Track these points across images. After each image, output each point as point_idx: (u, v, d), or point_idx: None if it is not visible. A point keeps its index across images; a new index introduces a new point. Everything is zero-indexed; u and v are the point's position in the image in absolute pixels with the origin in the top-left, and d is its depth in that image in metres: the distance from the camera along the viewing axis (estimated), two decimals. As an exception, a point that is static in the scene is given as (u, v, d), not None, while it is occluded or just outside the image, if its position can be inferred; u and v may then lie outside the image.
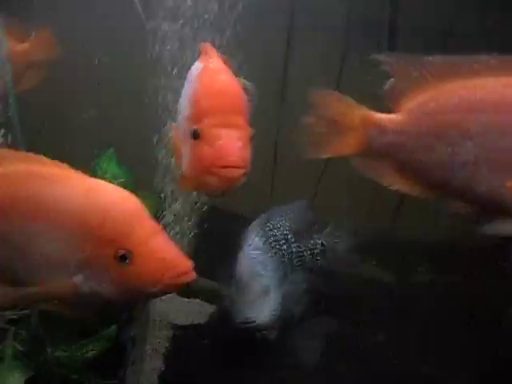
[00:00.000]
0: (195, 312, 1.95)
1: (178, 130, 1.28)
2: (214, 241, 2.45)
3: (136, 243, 0.99)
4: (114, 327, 1.57)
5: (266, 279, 1.56)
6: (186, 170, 1.17)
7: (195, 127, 1.08)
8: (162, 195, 2.07)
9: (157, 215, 1.97)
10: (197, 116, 1.10)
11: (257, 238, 1.65)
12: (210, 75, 1.16)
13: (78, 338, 1.57)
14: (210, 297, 2.04)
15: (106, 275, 1.01)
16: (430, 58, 1.24)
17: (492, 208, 1.25)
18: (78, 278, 1.02)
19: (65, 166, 1.09)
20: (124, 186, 1.79)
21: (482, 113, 1.19)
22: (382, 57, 1.29)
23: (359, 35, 2.72)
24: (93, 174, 1.16)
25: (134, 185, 1.87)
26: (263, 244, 1.65)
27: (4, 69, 1.69)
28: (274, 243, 1.70)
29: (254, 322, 1.50)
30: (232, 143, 1.05)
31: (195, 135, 1.08)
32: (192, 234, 2.23)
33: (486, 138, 1.19)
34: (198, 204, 2.34)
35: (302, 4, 2.84)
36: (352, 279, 2.55)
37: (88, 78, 2.44)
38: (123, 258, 0.99)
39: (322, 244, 1.92)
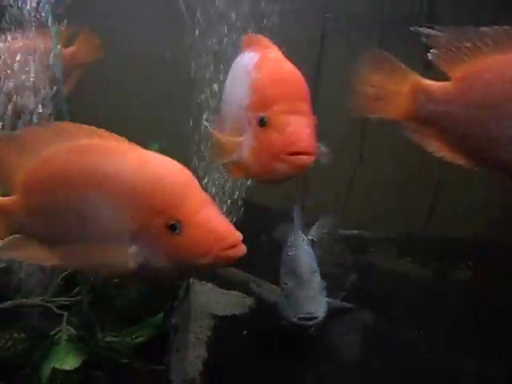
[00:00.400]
0: (234, 303, 1.99)
1: (220, 120, 1.32)
2: (251, 234, 2.50)
3: (186, 214, 1.00)
4: (160, 315, 1.64)
5: (320, 278, 1.59)
6: (246, 158, 1.17)
7: (262, 115, 1.09)
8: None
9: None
10: (262, 104, 1.11)
11: (305, 236, 1.70)
12: (272, 64, 1.18)
13: (127, 325, 1.65)
14: (247, 289, 2.09)
15: (158, 246, 1.02)
16: (485, 29, 1.19)
17: None
18: (132, 249, 1.04)
19: (122, 139, 1.12)
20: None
21: None
22: (428, 30, 1.26)
23: (392, 35, 2.72)
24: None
25: None
26: (310, 242, 1.70)
27: (56, 73, 1.77)
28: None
29: (317, 317, 1.49)
30: (302, 130, 1.06)
31: (262, 123, 1.08)
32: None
33: None
34: (234, 199, 2.39)
35: (335, 4, 2.86)
36: (388, 275, 2.56)
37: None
38: (173, 227, 1.00)
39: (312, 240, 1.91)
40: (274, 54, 1.22)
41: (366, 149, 3.07)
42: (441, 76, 1.32)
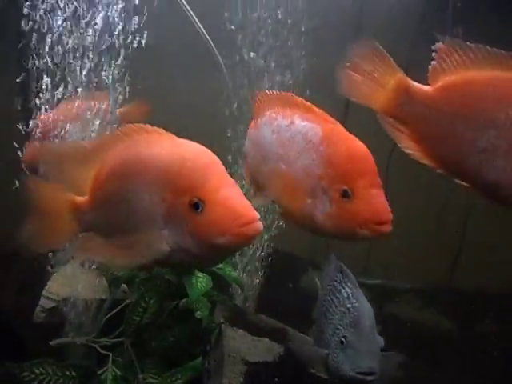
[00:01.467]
0: (265, 350, 2.07)
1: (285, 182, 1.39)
2: (280, 282, 2.60)
3: (208, 192, 1.08)
4: (199, 359, 1.73)
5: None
6: (324, 222, 1.29)
7: (345, 188, 1.24)
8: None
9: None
10: (343, 177, 1.25)
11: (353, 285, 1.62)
12: (345, 140, 1.31)
13: (165, 366, 1.74)
14: (277, 337, 2.16)
15: (184, 226, 1.10)
16: (474, 46, 1.27)
17: (496, 199, 1.30)
18: (164, 232, 1.12)
19: (163, 131, 1.25)
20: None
21: (509, 107, 1.22)
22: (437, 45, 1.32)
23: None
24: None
25: None
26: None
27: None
28: None
29: (376, 373, 1.40)
30: (384, 203, 1.24)
31: (347, 195, 1.24)
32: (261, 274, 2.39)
33: (509, 132, 1.22)
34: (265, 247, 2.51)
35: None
36: (412, 327, 2.60)
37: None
38: (196, 206, 1.07)
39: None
40: (341, 129, 1.35)
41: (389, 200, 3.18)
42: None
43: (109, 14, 1.92)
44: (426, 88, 1.35)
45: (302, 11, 2.28)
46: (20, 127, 2.00)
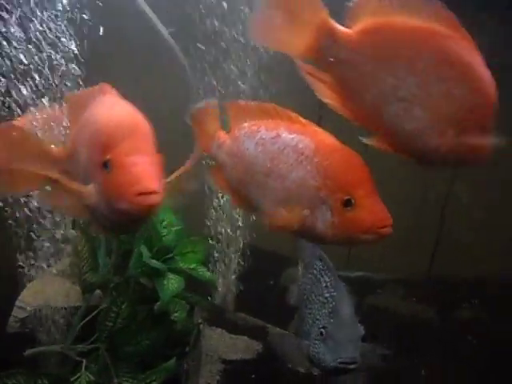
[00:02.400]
0: (242, 348, 2.07)
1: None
2: (259, 280, 2.61)
3: (118, 154, 1.12)
4: (172, 360, 1.73)
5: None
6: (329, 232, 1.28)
7: (347, 197, 1.26)
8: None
9: (208, 258, 2.15)
10: (345, 187, 1.27)
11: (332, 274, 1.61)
12: (340, 151, 1.32)
13: (141, 370, 1.74)
14: (256, 334, 2.17)
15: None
16: None
17: (413, 151, 1.26)
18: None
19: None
20: (178, 234, 2.01)
21: (423, 57, 1.19)
22: None
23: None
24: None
25: (185, 233, 2.05)
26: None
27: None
28: None
29: (357, 362, 1.39)
30: (384, 208, 1.25)
31: (348, 204, 1.25)
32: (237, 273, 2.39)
33: (427, 80, 1.19)
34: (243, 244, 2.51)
35: None
36: (393, 317, 2.61)
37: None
38: (105, 164, 1.14)
39: None
40: (329, 138, 1.32)
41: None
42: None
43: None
44: (349, 31, 1.26)
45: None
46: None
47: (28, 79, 1.77)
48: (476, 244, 3.06)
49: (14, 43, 1.75)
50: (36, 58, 1.76)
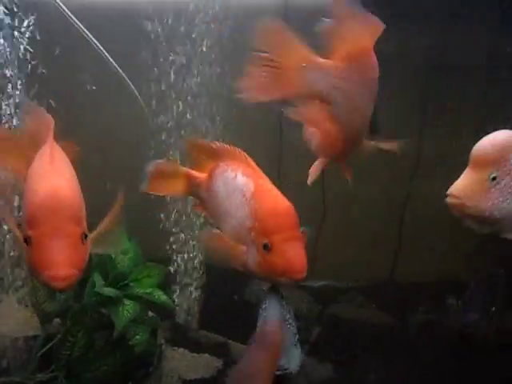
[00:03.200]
0: (203, 366, 2.14)
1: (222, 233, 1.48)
2: (221, 298, 2.66)
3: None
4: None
5: (294, 330, 1.51)
6: (251, 267, 1.38)
7: (265, 241, 1.32)
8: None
9: (166, 280, 2.20)
10: (265, 231, 1.34)
11: (277, 293, 1.58)
12: (270, 197, 1.41)
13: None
14: (217, 351, 2.24)
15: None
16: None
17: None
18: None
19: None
20: (133, 260, 2.05)
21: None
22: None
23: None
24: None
25: (141, 258, 2.09)
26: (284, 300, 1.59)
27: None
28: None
29: (287, 369, 1.42)
30: (298, 254, 1.32)
31: (266, 247, 1.32)
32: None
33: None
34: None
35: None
36: (351, 325, 2.71)
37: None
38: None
39: None
40: (268, 184, 1.43)
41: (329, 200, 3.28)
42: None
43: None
44: (331, 62, 1.46)
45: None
46: None
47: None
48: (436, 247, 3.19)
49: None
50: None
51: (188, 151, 1.60)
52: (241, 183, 1.44)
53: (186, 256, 2.49)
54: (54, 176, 1.29)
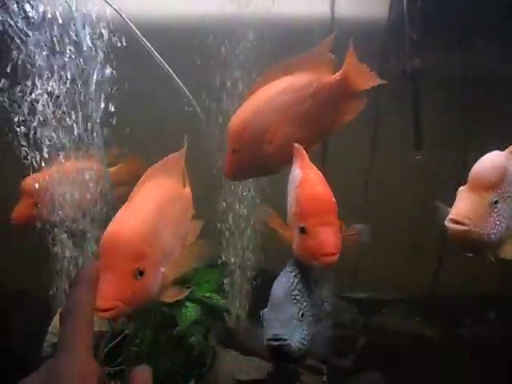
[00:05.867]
0: (255, 368, 2.25)
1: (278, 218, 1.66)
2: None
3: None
4: (192, 382, 1.91)
5: (301, 306, 1.51)
6: (294, 251, 1.52)
7: (301, 225, 1.45)
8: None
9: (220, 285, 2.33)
10: (302, 216, 1.47)
11: (297, 270, 1.61)
12: (311, 185, 1.52)
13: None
14: (265, 355, 2.34)
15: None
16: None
17: None
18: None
19: None
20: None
21: None
22: None
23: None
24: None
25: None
26: (302, 278, 1.61)
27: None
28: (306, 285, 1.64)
29: (287, 340, 1.40)
30: (330, 238, 1.42)
31: (302, 231, 1.45)
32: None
33: None
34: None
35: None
36: (395, 336, 2.75)
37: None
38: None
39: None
40: (314, 175, 1.57)
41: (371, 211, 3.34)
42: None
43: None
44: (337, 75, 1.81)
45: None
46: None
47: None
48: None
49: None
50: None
51: None
52: (295, 174, 1.60)
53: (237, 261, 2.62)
54: (123, 214, 1.50)
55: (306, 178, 1.54)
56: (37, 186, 2.08)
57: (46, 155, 2.05)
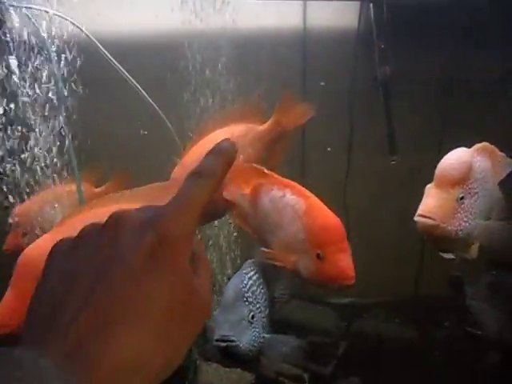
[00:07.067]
0: (235, 380, 2.27)
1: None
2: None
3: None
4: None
5: (253, 308, 1.54)
6: (304, 275, 1.53)
7: (318, 251, 1.47)
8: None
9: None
10: (319, 243, 1.49)
11: (252, 272, 1.66)
12: (322, 214, 1.55)
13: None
14: (249, 366, 2.36)
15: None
16: None
17: None
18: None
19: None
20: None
21: None
22: None
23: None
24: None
25: None
26: (256, 280, 1.65)
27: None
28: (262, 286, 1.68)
29: (234, 341, 1.43)
30: (348, 264, 1.45)
31: (319, 257, 1.47)
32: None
33: None
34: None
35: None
36: (375, 340, 2.80)
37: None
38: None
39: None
40: (317, 202, 1.59)
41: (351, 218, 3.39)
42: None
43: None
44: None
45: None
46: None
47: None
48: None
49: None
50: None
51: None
52: (291, 201, 1.61)
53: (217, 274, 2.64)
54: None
55: (312, 206, 1.57)
56: (23, 215, 2.07)
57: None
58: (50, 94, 2.09)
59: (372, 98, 3.23)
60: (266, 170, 1.73)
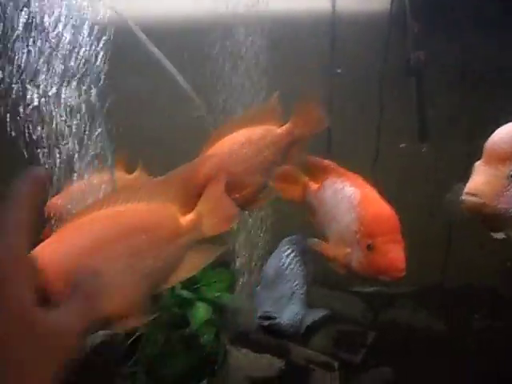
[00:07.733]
0: (265, 365, 2.27)
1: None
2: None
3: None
4: (205, 381, 1.94)
5: (292, 286, 1.56)
6: (354, 266, 1.50)
7: (369, 242, 1.45)
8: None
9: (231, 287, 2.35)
10: (370, 234, 1.46)
11: (290, 250, 1.68)
12: (375, 204, 1.54)
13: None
14: (278, 352, 2.37)
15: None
16: None
17: None
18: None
19: None
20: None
21: None
22: None
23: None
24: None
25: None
26: (295, 257, 1.67)
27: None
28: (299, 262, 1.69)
29: (276, 317, 1.44)
30: (399, 255, 1.41)
31: (369, 248, 1.45)
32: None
33: None
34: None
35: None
36: (404, 330, 2.77)
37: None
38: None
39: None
40: (373, 193, 1.58)
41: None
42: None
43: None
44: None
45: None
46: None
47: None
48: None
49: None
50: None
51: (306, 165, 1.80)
52: (348, 192, 1.61)
53: (247, 260, 2.64)
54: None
55: (367, 196, 1.57)
56: (55, 207, 2.06)
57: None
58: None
59: (404, 85, 3.16)
60: (333, 165, 1.70)
